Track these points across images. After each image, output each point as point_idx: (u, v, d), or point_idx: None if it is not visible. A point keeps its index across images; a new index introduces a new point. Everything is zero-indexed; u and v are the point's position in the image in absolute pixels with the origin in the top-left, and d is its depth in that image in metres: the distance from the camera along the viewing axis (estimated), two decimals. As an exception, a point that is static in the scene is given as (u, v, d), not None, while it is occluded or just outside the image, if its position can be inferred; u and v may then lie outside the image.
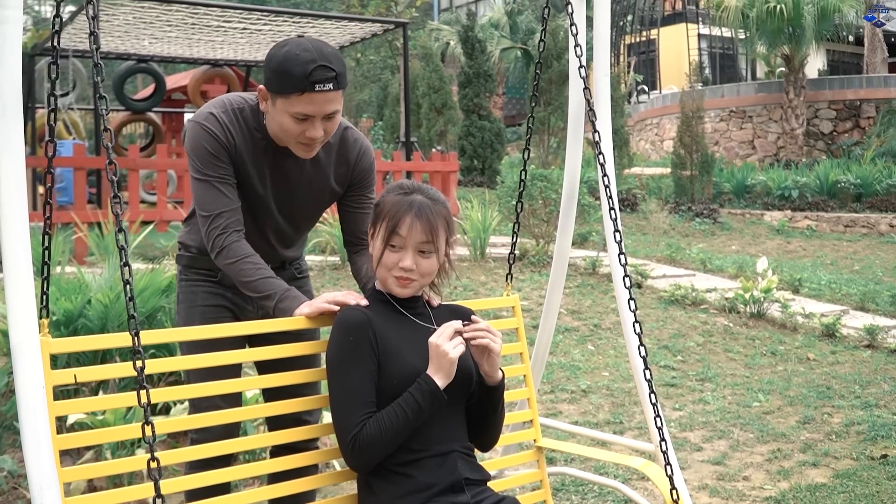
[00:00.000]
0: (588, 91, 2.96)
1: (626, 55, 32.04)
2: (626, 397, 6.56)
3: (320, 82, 2.71)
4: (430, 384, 2.49)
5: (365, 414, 2.48)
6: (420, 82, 21.55)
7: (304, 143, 2.86)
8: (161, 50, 14.06)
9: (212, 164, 2.91)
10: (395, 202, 2.62)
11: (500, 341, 2.62)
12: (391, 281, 2.63)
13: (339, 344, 2.54)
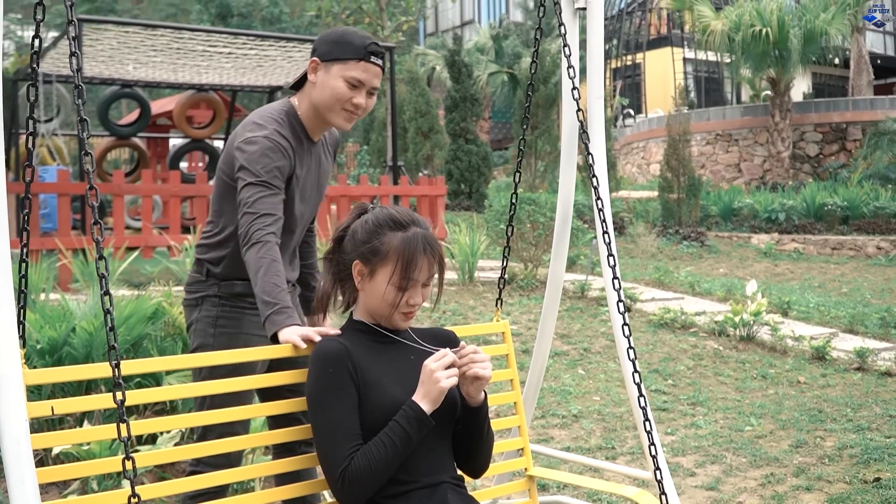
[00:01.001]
0: (581, 113, 2.93)
1: (612, 79, 32.15)
2: (617, 422, 6.50)
3: (375, 55, 3.12)
4: (417, 410, 2.41)
5: (352, 447, 2.40)
6: (406, 106, 21.56)
7: (349, 109, 3.14)
8: (146, 75, 14.01)
9: (276, 176, 3.08)
10: (401, 242, 2.52)
11: (490, 366, 2.54)
12: (397, 317, 2.57)
13: (318, 377, 2.46)
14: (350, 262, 2.59)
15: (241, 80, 14.65)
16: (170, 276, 8.74)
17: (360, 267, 2.56)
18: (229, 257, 3.26)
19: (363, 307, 2.62)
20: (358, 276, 2.57)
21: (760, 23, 20.76)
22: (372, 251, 2.54)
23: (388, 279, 2.52)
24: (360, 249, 2.56)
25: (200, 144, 14.94)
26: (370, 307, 2.58)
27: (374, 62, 3.12)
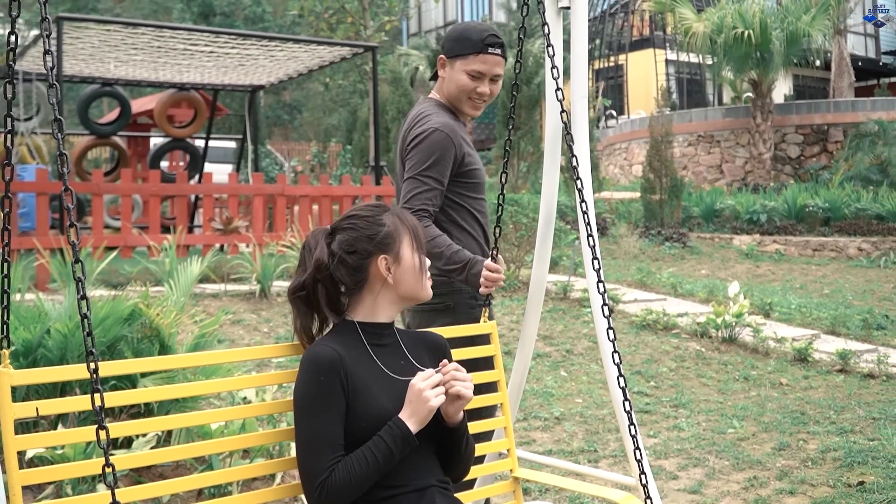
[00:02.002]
0: (565, 114, 2.89)
1: (594, 80, 32.17)
2: (600, 424, 6.47)
3: (492, 46, 3.42)
4: (403, 429, 2.39)
5: (334, 458, 2.36)
6: (389, 107, 21.49)
7: (474, 98, 3.48)
8: (126, 73, 13.91)
9: (441, 172, 3.42)
10: (396, 217, 2.61)
11: (472, 386, 2.51)
12: (427, 285, 2.64)
13: (308, 383, 2.42)
14: (366, 266, 2.56)
15: (223, 80, 14.56)
16: (149, 277, 8.67)
17: (386, 259, 2.56)
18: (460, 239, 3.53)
19: (379, 303, 2.59)
20: (385, 270, 2.56)
21: (742, 25, 20.79)
22: (386, 237, 2.56)
23: (412, 249, 2.60)
24: (375, 243, 2.56)
25: (181, 144, 14.85)
26: (404, 291, 2.61)
27: (493, 52, 3.43)
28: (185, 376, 4.56)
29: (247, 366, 6.27)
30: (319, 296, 2.58)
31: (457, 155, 3.45)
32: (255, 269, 9.08)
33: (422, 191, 3.38)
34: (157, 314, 4.63)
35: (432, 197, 3.41)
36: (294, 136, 37.09)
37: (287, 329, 8.12)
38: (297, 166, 26.21)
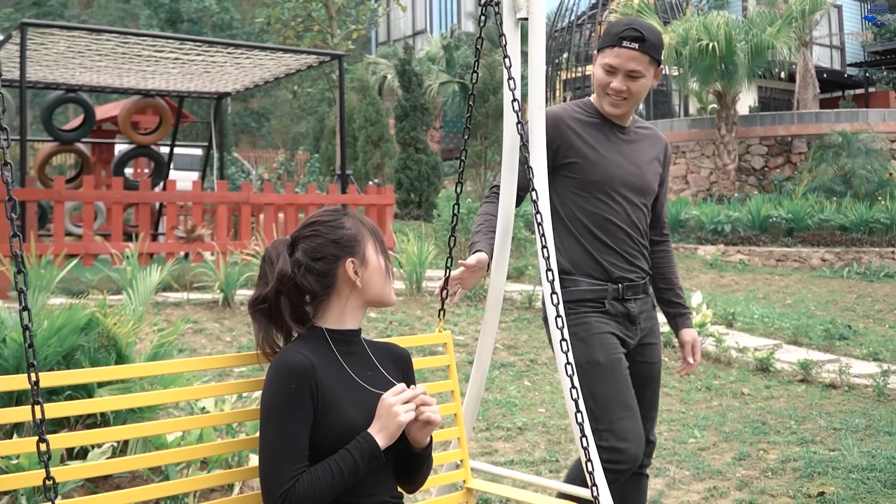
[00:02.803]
0: (521, 125, 2.89)
1: (562, 90, 32.27)
2: (562, 434, 6.47)
3: (627, 40, 3.34)
4: (372, 444, 2.37)
5: (298, 468, 2.34)
6: (357, 115, 21.49)
7: (609, 93, 3.42)
8: (91, 79, 13.79)
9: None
10: (355, 219, 2.60)
11: (439, 410, 2.51)
12: (392, 289, 2.64)
13: (278, 390, 2.39)
14: (333, 271, 2.53)
15: (189, 86, 14.48)
16: (110, 285, 8.59)
17: (354, 262, 2.54)
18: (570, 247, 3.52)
19: (347, 308, 2.57)
20: (354, 274, 2.53)
21: (707, 37, 20.92)
22: (351, 240, 2.54)
23: (376, 251, 2.58)
24: (342, 247, 2.53)
25: (146, 150, 14.74)
26: (372, 294, 2.59)
27: (627, 46, 3.34)
28: (142, 386, 4.51)
29: (207, 375, 6.23)
30: (282, 307, 2.55)
31: (550, 143, 3.30)
32: (219, 278, 9.03)
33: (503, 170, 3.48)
34: (115, 323, 4.58)
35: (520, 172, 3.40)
36: (262, 144, 37.01)
37: (250, 338, 8.08)
38: (264, 174, 26.12)
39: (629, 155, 3.53)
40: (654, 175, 3.62)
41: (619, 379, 3.40)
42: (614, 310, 3.49)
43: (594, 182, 3.46)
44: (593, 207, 3.48)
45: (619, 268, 3.50)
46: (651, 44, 3.36)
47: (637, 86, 3.39)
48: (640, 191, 3.55)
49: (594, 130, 3.49)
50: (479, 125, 18.92)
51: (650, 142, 3.64)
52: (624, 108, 3.45)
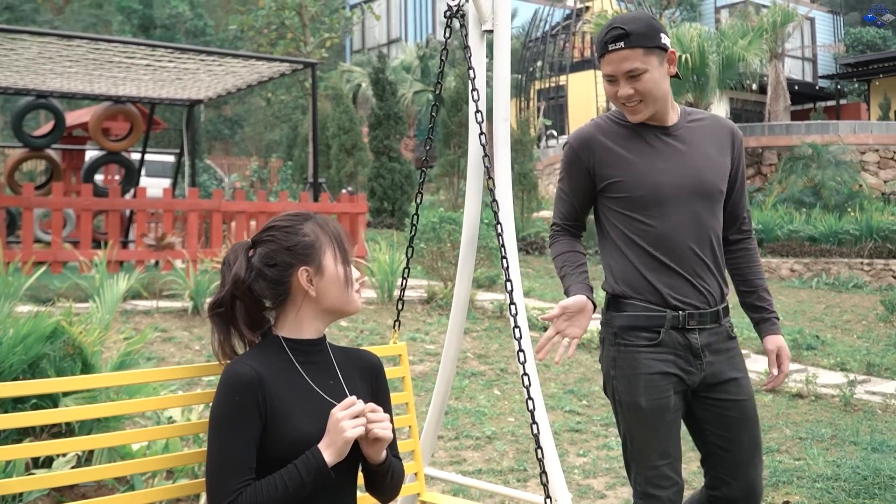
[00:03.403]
0: (484, 136, 2.91)
1: (536, 100, 32.38)
2: (530, 443, 6.48)
3: (611, 42, 3.03)
4: (319, 460, 2.34)
5: (242, 481, 2.32)
6: (330, 123, 21.47)
7: (622, 103, 3.10)
8: (62, 85, 13.72)
9: (569, 184, 3.25)
10: (319, 225, 2.53)
11: (390, 426, 2.47)
12: (355, 298, 2.56)
13: (223, 403, 2.37)
14: (286, 278, 2.48)
15: (160, 93, 14.43)
16: (78, 293, 8.54)
17: (307, 271, 2.48)
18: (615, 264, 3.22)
19: (304, 317, 2.52)
20: (307, 282, 2.48)
21: (679, 48, 21.06)
22: (307, 247, 2.48)
23: (335, 260, 2.50)
24: (295, 254, 2.48)
25: (116, 157, 14.67)
26: (330, 304, 2.51)
27: (613, 49, 3.03)
28: (108, 395, 4.49)
29: (175, 384, 6.20)
30: (237, 312, 2.52)
31: (588, 167, 3.17)
32: (189, 286, 8.99)
33: (555, 204, 3.31)
34: (81, 332, 4.56)
35: (562, 209, 3.27)
36: (235, 151, 36.89)
37: (219, 346, 8.05)
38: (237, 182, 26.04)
39: (680, 156, 3.15)
40: (718, 170, 3.19)
41: (660, 425, 3.08)
42: (672, 340, 3.09)
43: (640, 197, 3.10)
44: (645, 225, 3.11)
45: (679, 291, 3.10)
46: (638, 34, 3.03)
47: (643, 84, 3.04)
48: (702, 193, 3.14)
49: (631, 140, 3.16)
50: (453, 134, 18.96)
51: (709, 132, 3.23)
52: (644, 111, 3.10)
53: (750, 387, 3.21)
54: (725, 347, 3.17)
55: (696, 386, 3.14)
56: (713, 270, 3.15)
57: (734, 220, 3.33)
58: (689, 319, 3.08)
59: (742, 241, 3.36)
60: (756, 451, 3.21)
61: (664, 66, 3.09)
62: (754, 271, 3.36)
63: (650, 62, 3.03)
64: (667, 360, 3.08)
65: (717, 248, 3.17)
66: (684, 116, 3.24)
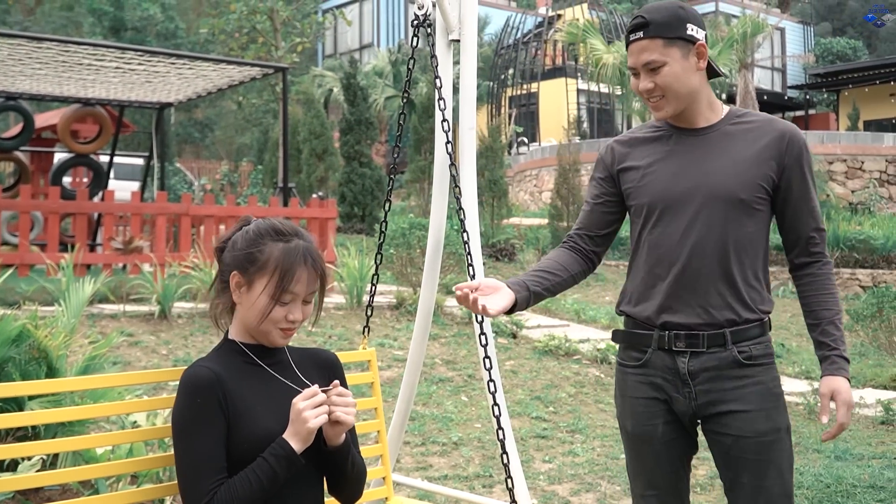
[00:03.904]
0: (451, 145, 2.93)
1: (507, 107, 32.51)
2: (496, 450, 6.52)
3: (632, 32, 2.82)
4: (286, 449, 2.35)
5: (215, 481, 2.34)
6: (301, 128, 21.44)
7: (645, 98, 2.88)
8: (31, 87, 13.63)
9: (590, 191, 3.06)
10: (281, 252, 2.47)
11: (354, 412, 2.49)
12: (275, 334, 2.49)
13: (184, 406, 2.39)
14: (227, 272, 2.51)
15: (130, 96, 14.36)
16: (45, 296, 8.50)
17: (238, 278, 2.49)
18: (629, 281, 3.02)
19: (240, 324, 2.54)
20: (235, 287, 2.50)
21: (650, 57, 21.24)
22: (250, 260, 2.47)
23: (265, 290, 2.45)
24: (239, 259, 2.49)
25: (85, 160, 14.57)
26: (247, 322, 2.50)
27: (633, 40, 2.82)
28: (73, 399, 4.48)
29: (140, 389, 6.19)
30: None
31: (610, 173, 3.00)
32: (156, 290, 8.96)
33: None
34: (46, 336, 4.54)
35: (580, 217, 3.10)
36: (205, 155, 36.76)
37: (186, 351, 8.03)
38: (207, 185, 25.95)
39: (695, 161, 2.87)
40: (745, 176, 2.82)
41: (646, 454, 2.91)
42: (660, 362, 2.86)
43: (644, 204, 2.91)
44: (648, 236, 2.91)
45: (671, 309, 2.85)
46: (658, 24, 2.78)
47: (663, 78, 2.80)
48: (717, 201, 2.81)
49: (651, 145, 2.96)
50: (424, 140, 18.97)
51: (751, 136, 2.87)
52: (667, 107, 2.85)
53: (762, 422, 2.80)
54: (732, 375, 2.80)
55: (693, 414, 2.87)
56: (725, 288, 2.82)
57: (796, 241, 2.92)
58: (675, 340, 2.83)
59: (808, 265, 2.92)
60: (759, 498, 2.81)
61: (690, 60, 2.82)
62: (820, 301, 2.88)
63: (670, 54, 2.79)
64: (654, 383, 2.87)
65: (736, 264, 2.82)
66: (729, 118, 2.94)
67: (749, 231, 2.83)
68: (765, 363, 2.84)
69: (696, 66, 2.83)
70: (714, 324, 2.79)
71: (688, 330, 2.80)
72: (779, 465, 2.82)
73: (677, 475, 2.93)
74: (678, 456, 2.92)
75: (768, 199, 2.85)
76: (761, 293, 2.86)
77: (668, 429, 2.87)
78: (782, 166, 2.83)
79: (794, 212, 2.87)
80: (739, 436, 2.79)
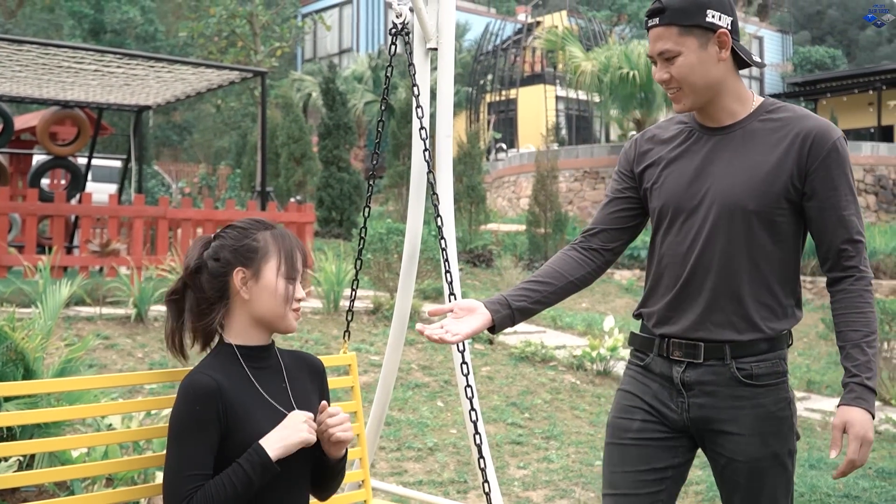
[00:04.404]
0: (428, 153, 2.96)
1: (486, 113, 32.58)
2: (471, 455, 6.55)
3: (650, 18, 2.61)
4: (262, 456, 2.40)
5: (195, 487, 2.38)
6: (280, 132, 21.44)
7: (664, 86, 2.68)
8: (10, 89, 13.59)
9: (612, 185, 2.90)
10: (274, 236, 2.56)
11: (350, 426, 2.58)
12: (290, 317, 2.56)
13: (183, 411, 2.43)
14: (225, 274, 2.54)
15: (108, 98, 14.33)
16: (23, 298, 8.47)
17: (243, 273, 2.53)
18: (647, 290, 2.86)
19: (244, 322, 2.57)
20: (241, 283, 2.52)
21: (628, 65, 21.37)
22: (250, 251, 2.53)
23: (277, 271, 2.52)
24: (238, 255, 2.53)
25: (63, 162, 14.53)
26: (263, 312, 2.54)
27: (650, 27, 2.62)
28: (49, 401, 4.49)
29: (116, 392, 6.19)
30: (187, 302, 2.59)
31: (632, 168, 2.85)
32: (133, 293, 8.95)
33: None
34: (23, 337, 4.55)
35: (597, 212, 2.95)
36: (183, 158, 36.65)
37: (162, 355, 8.03)
38: (185, 188, 25.89)
39: (717, 161, 2.67)
40: (769, 184, 2.59)
41: (615, 446, 2.78)
42: (659, 368, 2.73)
43: (656, 208, 2.76)
44: (661, 239, 2.78)
45: (672, 317, 2.72)
46: (675, 10, 2.57)
47: (677, 69, 2.61)
48: (729, 209, 2.61)
49: (673, 142, 2.78)
50: (402, 145, 19.02)
51: (777, 136, 2.63)
52: (685, 100, 2.66)
53: (756, 448, 2.62)
54: (728, 394, 2.63)
55: (685, 426, 2.72)
56: (730, 306, 2.63)
57: (826, 253, 2.64)
58: (672, 349, 2.69)
59: (840, 280, 2.63)
60: None
61: (709, 50, 2.60)
62: (849, 320, 2.58)
63: (686, 43, 2.58)
64: (649, 386, 2.75)
65: (747, 282, 2.62)
66: (758, 113, 2.69)
67: (766, 244, 2.62)
68: (769, 383, 2.63)
69: (717, 57, 2.61)
70: (713, 336, 2.64)
71: (685, 339, 2.67)
72: (772, 492, 2.66)
73: (643, 483, 2.71)
74: (647, 460, 2.71)
75: (792, 208, 2.62)
76: (776, 311, 2.65)
77: (647, 427, 2.72)
78: (805, 171, 2.58)
79: (822, 221, 2.60)
80: (732, 458, 2.65)
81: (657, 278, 2.76)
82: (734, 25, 2.62)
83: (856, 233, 2.58)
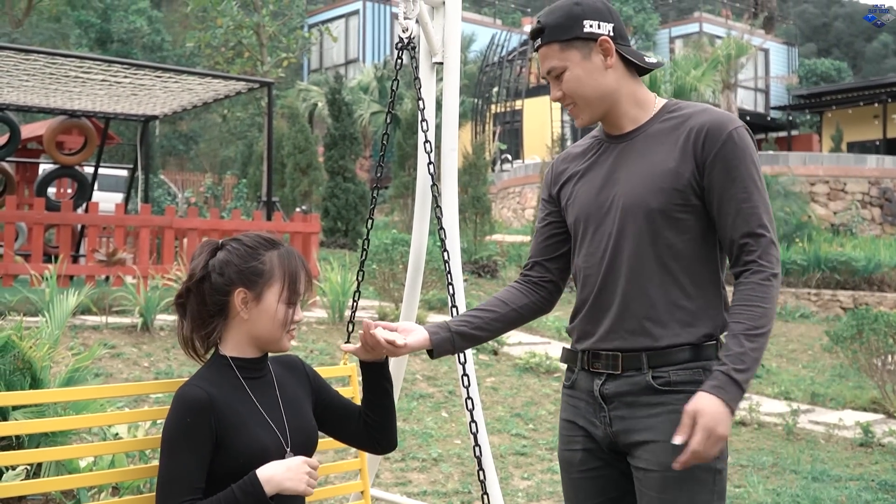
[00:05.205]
0: (433, 166, 2.99)
1: (492, 124, 32.62)
2: (475, 466, 6.55)
3: (533, 40, 2.61)
4: (257, 489, 2.41)
5: (186, 500, 2.40)
6: (286, 142, 21.48)
7: (560, 104, 2.65)
8: (18, 98, 13.65)
9: (539, 215, 2.85)
10: (281, 258, 2.55)
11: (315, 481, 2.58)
12: (285, 339, 2.57)
13: (174, 423, 2.45)
14: (227, 292, 2.54)
15: (115, 108, 14.38)
16: (28, 306, 8.51)
17: (244, 294, 2.53)
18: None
19: (241, 339, 2.58)
20: (241, 304, 2.53)
21: (633, 77, 21.40)
22: (255, 273, 2.53)
23: (279, 297, 2.53)
24: (242, 276, 2.53)
25: (69, 171, 14.58)
26: (258, 333, 2.56)
27: (536, 47, 2.60)
28: (55, 410, 4.51)
29: (122, 401, 6.21)
30: (190, 307, 2.60)
31: (551, 193, 2.80)
32: (139, 302, 8.98)
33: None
34: (30, 346, 4.58)
35: (531, 245, 2.88)
36: (189, 167, 36.71)
37: (168, 364, 8.06)
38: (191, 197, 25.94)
39: (620, 167, 2.62)
40: (669, 181, 2.53)
41: (566, 480, 2.72)
42: (583, 383, 2.65)
43: (571, 224, 2.72)
44: (577, 253, 2.71)
45: (590, 329, 2.64)
46: (552, 27, 2.56)
47: (567, 84, 2.57)
48: (633, 211, 2.55)
49: (583, 157, 2.74)
50: (408, 156, 19.06)
51: (675, 133, 2.57)
52: (582, 115, 2.62)
53: (670, 455, 2.40)
54: (645, 402, 2.52)
55: (611, 443, 2.61)
56: (642, 310, 2.54)
57: (730, 249, 2.54)
58: (592, 360, 2.61)
59: (739, 275, 2.52)
60: None
61: (594, 60, 2.55)
62: (734, 313, 2.47)
63: (570, 57, 2.54)
64: (577, 406, 2.67)
65: (658, 284, 2.53)
66: (660, 115, 2.64)
67: (674, 243, 2.52)
68: (687, 391, 2.45)
69: (603, 65, 2.55)
70: (630, 345, 2.54)
71: (602, 352, 2.58)
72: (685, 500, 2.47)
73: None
74: (600, 492, 2.65)
75: (694, 204, 2.53)
76: (697, 313, 2.54)
77: (589, 457, 2.64)
78: (702, 164, 2.50)
79: (722, 215, 2.50)
80: (646, 469, 2.50)
81: (579, 292, 2.68)
82: (617, 31, 2.57)
83: (757, 226, 2.47)
